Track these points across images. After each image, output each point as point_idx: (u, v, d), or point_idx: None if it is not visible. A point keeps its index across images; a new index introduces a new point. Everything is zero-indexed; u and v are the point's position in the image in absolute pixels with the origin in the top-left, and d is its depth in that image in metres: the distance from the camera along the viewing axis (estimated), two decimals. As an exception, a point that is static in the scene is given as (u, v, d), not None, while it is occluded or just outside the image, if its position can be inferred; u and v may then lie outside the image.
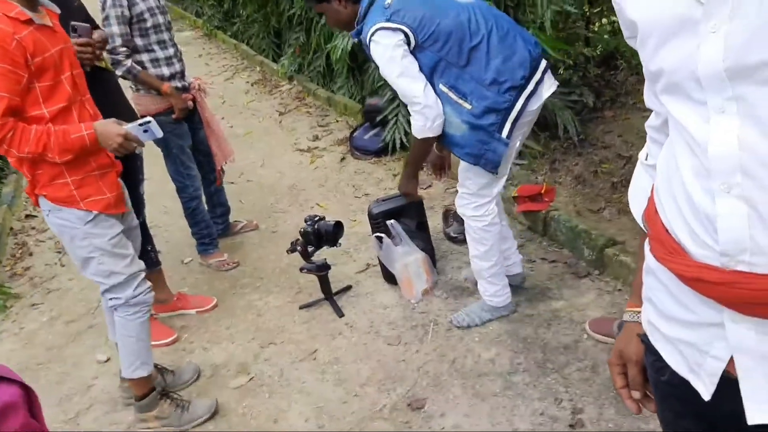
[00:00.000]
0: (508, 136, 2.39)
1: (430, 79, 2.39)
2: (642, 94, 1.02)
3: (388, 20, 2.34)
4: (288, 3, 6.88)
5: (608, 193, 3.61)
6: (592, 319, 2.65)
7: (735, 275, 0.80)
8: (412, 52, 2.38)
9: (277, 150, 5.50)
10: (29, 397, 0.86)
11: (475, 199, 2.60)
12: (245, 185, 4.86)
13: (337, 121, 5.86)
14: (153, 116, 3.29)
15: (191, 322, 3.24)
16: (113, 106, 2.67)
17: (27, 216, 4.85)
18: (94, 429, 2.61)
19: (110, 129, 2.17)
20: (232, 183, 4.87)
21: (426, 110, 2.37)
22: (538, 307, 2.86)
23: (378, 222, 3.16)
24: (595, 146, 4.19)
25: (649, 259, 1.00)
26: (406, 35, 2.34)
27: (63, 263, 4.07)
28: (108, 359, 3.01)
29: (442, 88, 2.38)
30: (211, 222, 3.77)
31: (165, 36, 3.32)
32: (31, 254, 4.27)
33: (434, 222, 3.60)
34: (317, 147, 5.37)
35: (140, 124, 2.24)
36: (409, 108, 2.45)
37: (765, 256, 0.77)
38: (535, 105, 2.43)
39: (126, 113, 2.84)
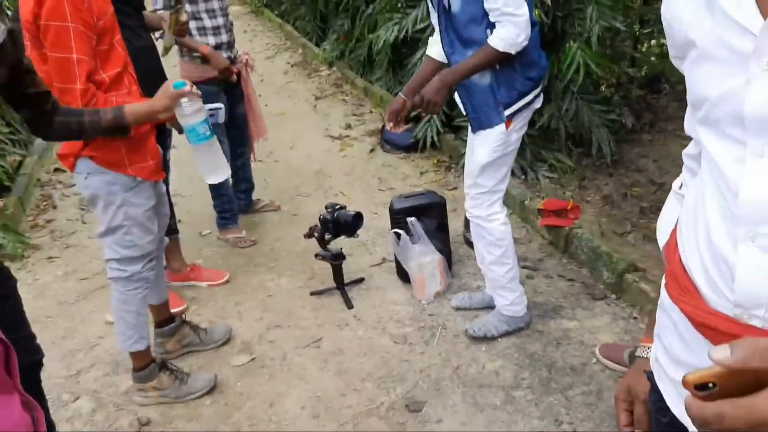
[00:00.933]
0: (509, 117, 2.41)
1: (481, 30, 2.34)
2: (683, 121, 0.97)
3: None
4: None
5: (636, 217, 3.55)
6: (602, 343, 2.60)
7: (747, 329, 0.75)
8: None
9: (309, 134, 5.49)
10: (7, 353, 0.84)
11: (489, 196, 2.55)
12: (273, 165, 4.86)
13: (372, 112, 5.84)
14: (195, 83, 3.36)
15: (201, 295, 3.25)
16: (151, 72, 2.68)
17: (56, 170, 4.91)
18: (92, 388, 2.62)
19: (163, 97, 2.13)
20: (260, 161, 4.85)
21: (524, 24, 2.23)
22: (549, 324, 2.81)
23: (399, 218, 3.13)
24: (627, 168, 4.12)
25: (663, 296, 0.96)
26: None
27: (85, 220, 4.11)
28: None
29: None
30: (234, 197, 3.77)
31: (215, 5, 3.32)
32: (54, 207, 4.32)
33: (455, 224, 3.56)
34: (348, 135, 5.36)
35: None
36: (503, 18, 2.23)
37: None
38: (537, 105, 2.49)
39: (160, 81, 2.86)
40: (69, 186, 4.62)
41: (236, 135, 3.71)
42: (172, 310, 2.82)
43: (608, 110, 4.20)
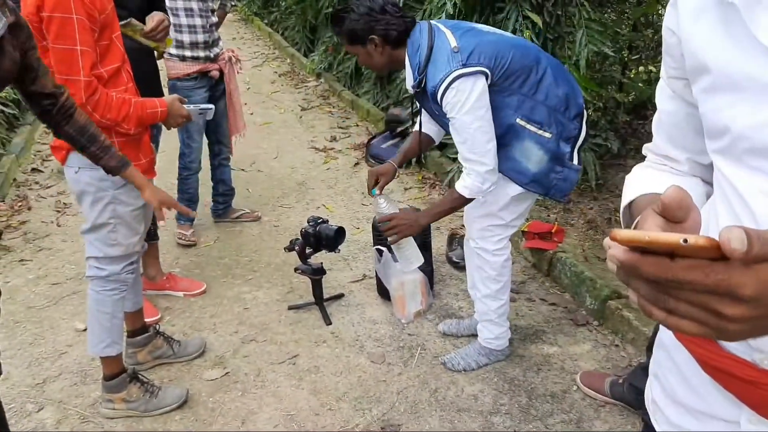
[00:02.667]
0: (579, 162, 2.33)
1: (507, 118, 2.24)
2: None
3: (465, 65, 2.12)
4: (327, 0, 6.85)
5: (619, 243, 3.52)
6: (584, 371, 2.56)
7: (765, 375, 0.71)
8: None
9: (293, 144, 5.44)
10: None
11: (504, 230, 2.47)
12: (255, 174, 4.79)
13: (358, 125, 5.80)
14: (174, 80, 3.35)
15: (176, 305, 3.17)
16: (147, 74, 2.68)
17: (33, 170, 4.80)
18: (58, 398, 2.53)
19: (177, 109, 2.26)
20: (243, 170, 4.81)
21: (488, 174, 2.23)
22: (530, 348, 2.77)
23: (381, 235, 3.07)
24: (612, 193, 4.11)
25: (665, 333, 0.91)
26: (486, 76, 2.14)
27: (59, 223, 4.01)
28: (86, 329, 2.92)
29: (519, 122, 2.24)
30: (197, 198, 3.77)
31: (194, 5, 3.36)
32: (29, 209, 4.21)
33: (437, 243, 3.52)
34: (333, 148, 5.31)
35: (200, 110, 2.40)
36: (467, 164, 2.24)
37: None
38: (586, 139, 2.38)
39: (155, 83, 2.86)
40: (46, 187, 4.52)
41: (214, 130, 3.73)
42: (146, 320, 2.74)
43: (595, 134, 4.20)
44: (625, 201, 0.97)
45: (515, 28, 3.81)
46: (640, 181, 0.97)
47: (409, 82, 2.34)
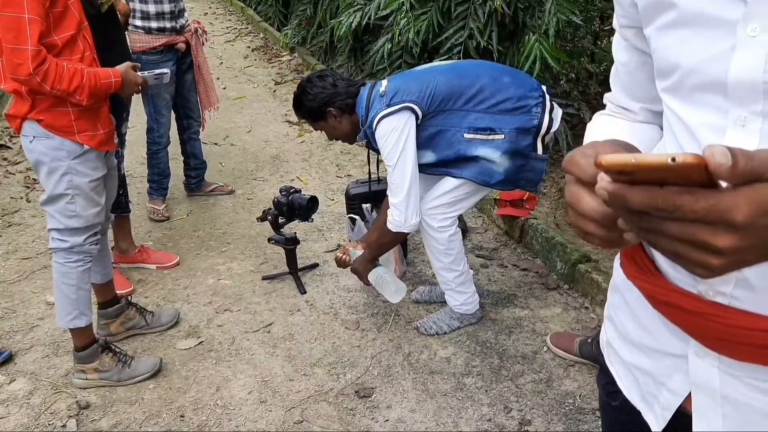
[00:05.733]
0: (544, 151, 2.39)
1: (453, 135, 2.35)
2: None
3: (389, 105, 2.33)
4: (300, -27, 6.77)
5: (590, 210, 3.57)
6: (554, 332, 2.61)
7: (712, 306, 0.72)
8: (427, 125, 2.36)
9: (266, 118, 5.40)
10: None
11: (450, 210, 2.49)
12: (228, 148, 4.76)
13: (332, 99, 5.76)
14: (140, 53, 3.30)
15: (149, 277, 3.15)
16: (112, 43, 2.63)
17: (1, 146, 4.72)
18: (30, 370, 2.51)
19: (131, 77, 2.24)
20: (216, 144, 4.78)
21: (403, 208, 2.38)
22: (501, 312, 2.81)
23: (354, 203, 3.09)
24: (584, 162, 4.15)
25: (617, 275, 0.93)
26: (413, 110, 2.32)
27: (29, 199, 3.96)
28: (57, 302, 2.91)
29: (467, 136, 2.35)
30: (168, 173, 3.75)
31: None
32: (-2, 184, 4.15)
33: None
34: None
35: (156, 75, 2.37)
36: (391, 199, 2.42)
37: (750, 292, 0.70)
38: (555, 127, 2.41)
39: (123, 48, 2.82)
40: (14, 163, 4.45)
41: (182, 104, 3.68)
42: (118, 292, 2.73)
43: (567, 104, 4.22)
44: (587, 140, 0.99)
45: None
46: (599, 128, 0.99)
47: (360, 135, 2.54)
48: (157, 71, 2.39)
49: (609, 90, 1.01)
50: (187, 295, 3.01)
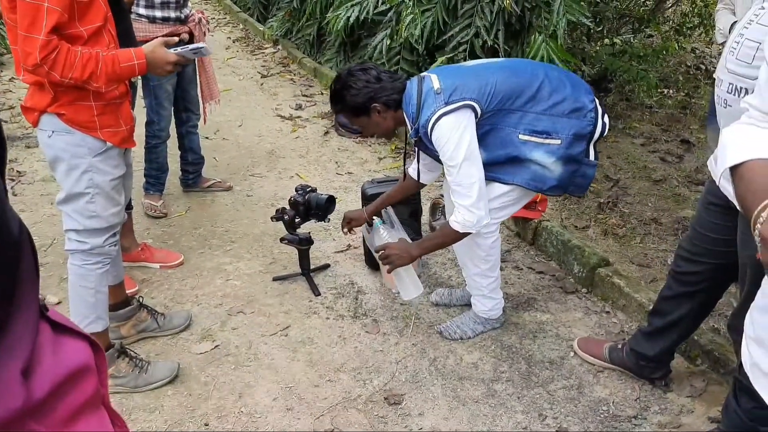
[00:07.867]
0: (595, 157, 2.33)
1: (508, 136, 2.28)
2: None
3: (447, 103, 2.20)
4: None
5: (594, 212, 3.57)
6: (580, 338, 2.58)
7: None
8: (482, 123, 2.26)
9: (257, 112, 5.27)
10: (96, 355, 0.68)
11: (497, 215, 2.43)
12: (220, 143, 4.63)
13: (322, 93, 5.67)
14: (145, 42, 3.16)
15: (153, 277, 3.03)
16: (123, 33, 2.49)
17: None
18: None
19: (160, 56, 2.03)
20: (207, 138, 4.63)
21: (474, 208, 2.25)
22: (523, 316, 2.78)
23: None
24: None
25: None
26: (473, 108, 2.21)
27: (15, 192, 3.78)
28: (59, 302, 2.77)
29: (522, 137, 2.26)
30: (167, 168, 3.63)
31: None
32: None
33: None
34: (300, 116, 5.18)
35: (193, 49, 2.14)
36: (457, 199, 2.27)
37: None
38: (605, 131, 2.35)
39: (130, 38, 2.67)
40: None
41: (182, 96, 3.56)
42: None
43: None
44: (730, 160, 0.94)
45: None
46: (747, 141, 0.95)
47: (411, 133, 2.42)
48: (194, 45, 2.15)
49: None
50: (196, 296, 2.90)
